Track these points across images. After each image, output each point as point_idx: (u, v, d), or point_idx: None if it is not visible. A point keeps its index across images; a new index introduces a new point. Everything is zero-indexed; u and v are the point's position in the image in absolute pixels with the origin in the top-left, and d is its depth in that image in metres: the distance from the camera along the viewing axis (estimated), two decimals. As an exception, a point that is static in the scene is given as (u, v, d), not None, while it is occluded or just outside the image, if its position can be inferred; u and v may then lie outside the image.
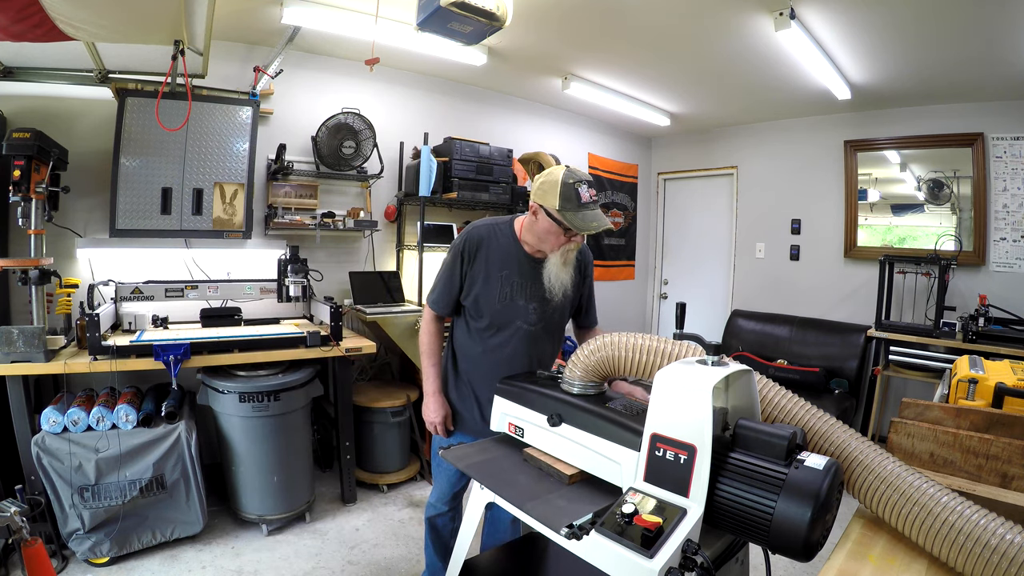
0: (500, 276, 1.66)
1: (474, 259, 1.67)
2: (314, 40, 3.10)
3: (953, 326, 3.52)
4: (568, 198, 1.49)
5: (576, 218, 1.49)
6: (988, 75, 3.24)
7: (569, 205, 1.49)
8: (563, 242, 1.57)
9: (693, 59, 3.38)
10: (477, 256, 1.67)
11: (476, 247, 1.66)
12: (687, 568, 0.82)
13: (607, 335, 1.21)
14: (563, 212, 1.49)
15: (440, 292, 1.72)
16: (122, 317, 2.62)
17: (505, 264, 1.67)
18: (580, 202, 1.49)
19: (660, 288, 5.78)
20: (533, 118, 4.54)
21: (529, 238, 1.65)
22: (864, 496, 0.97)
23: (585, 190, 1.50)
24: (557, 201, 1.49)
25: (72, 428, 2.17)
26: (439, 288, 1.73)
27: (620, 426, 1.08)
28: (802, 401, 1.07)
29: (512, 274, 1.67)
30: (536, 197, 1.56)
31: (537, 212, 1.56)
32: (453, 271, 1.69)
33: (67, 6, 1.79)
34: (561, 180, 1.50)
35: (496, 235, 1.68)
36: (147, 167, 2.62)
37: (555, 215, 1.51)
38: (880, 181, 4.23)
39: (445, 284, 1.71)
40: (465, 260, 1.67)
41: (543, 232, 1.57)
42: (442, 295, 1.72)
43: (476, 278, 1.67)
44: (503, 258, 1.67)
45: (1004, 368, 1.49)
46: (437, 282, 1.73)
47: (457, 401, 1.79)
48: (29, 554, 1.76)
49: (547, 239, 1.58)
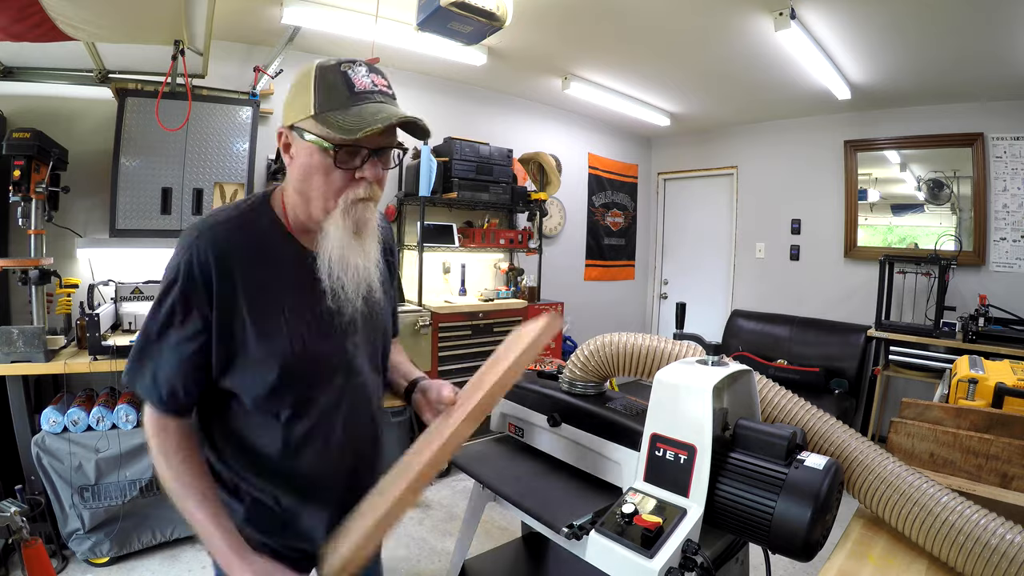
0: (282, 310, 0.89)
1: (214, 296, 0.84)
2: (314, 40, 3.10)
3: (953, 326, 3.52)
4: (332, 89, 0.83)
5: (349, 118, 0.81)
6: (988, 75, 3.24)
7: (334, 102, 0.83)
8: (342, 186, 0.86)
9: (693, 59, 3.38)
10: (220, 289, 0.85)
11: (212, 272, 0.84)
12: (687, 568, 0.82)
13: (607, 335, 1.20)
14: (325, 116, 0.82)
15: (161, 369, 0.86)
16: (122, 317, 2.62)
17: (281, 282, 0.90)
18: (353, 90, 0.83)
19: (660, 288, 5.78)
20: (533, 118, 4.54)
21: (297, 206, 0.91)
22: (864, 496, 0.97)
23: (363, 73, 0.86)
24: (312, 99, 0.83)
25: (72, 428, 2.17)
26: (155, 361, 0.86)
27: (620, 426, 1.08)
28: (802, 401, 1.07)
29: (302, 295, 0.91)
30: (285, 116, 0.88)
31: (291, 142, 0.88)
32: (181, 327, 0.85)
33: (67, 6, 1.79)
34: (315, 69, 0.85)
35: (244, 231, 0.89)
36: (147, 167, 2.62)
37: (314, 130, 0.83)
38: (880, 181, 4.23)
39: (169, 355, 0.85)
40: (195, 302, 0.84)
41: (303, 176, 0.87)
42: (168, 375, 0.86)
43: (234, 332, 0.86)
44: (275, 273, 0.90)
45: (1004, 368, 1.49)
46: (145, 351, 0.87)
47: (272, 540, 0.95)
48: (29, 554, 1.76)
49: (315, 189, 0.86)
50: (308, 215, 0.90)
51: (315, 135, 0.84)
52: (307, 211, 0.90)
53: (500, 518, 2.79)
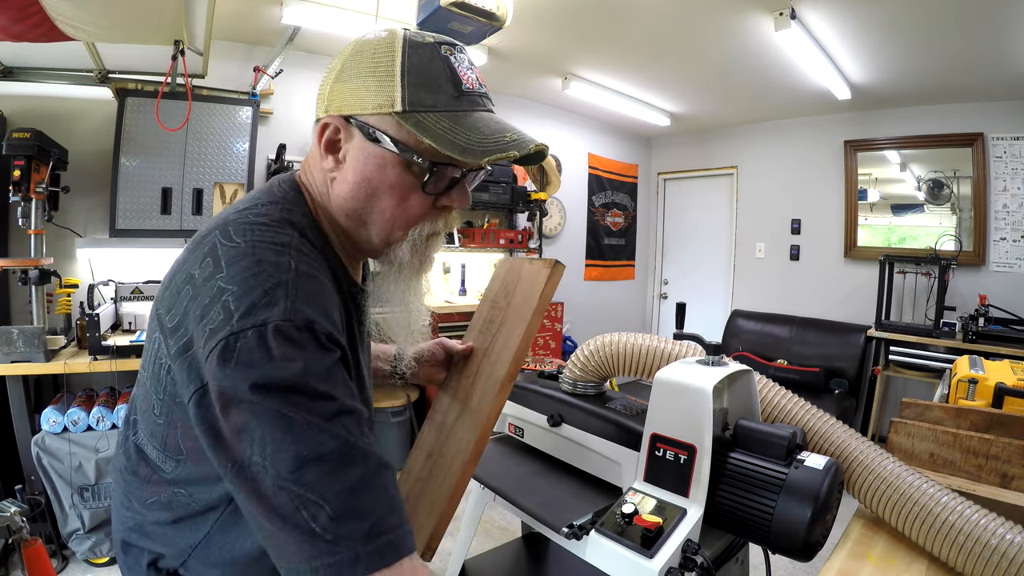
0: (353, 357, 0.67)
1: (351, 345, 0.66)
2: (314, 40, 3.10)
3: (953, 326, 3.52)
4: (428, 78, 0.60)
5: (455, 129, 0.60)
6: (988, 75, 3.24)
7: (436, 100, 0.60)
8: (420, 215, 0.66)
9: (693, 59, 3.38)
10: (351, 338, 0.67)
11: (338, 314, 0.60)
12: (687, 568, 0.82)
13: (607, 335, 1.21)
14: (421, 120, 0.59)
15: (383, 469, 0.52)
16: (122, 317, 2.62)
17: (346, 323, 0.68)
18: (461, 89, 0.62)
19: (660, 288, 5.78)
20: (533, 118, 4.54)
21: (343, 226, 0.68)
22: (864, 496, 0.97)
23: (467, 64, 0.64)
24: (399, 89, 0.59)
25: (72, 428, 2.17)
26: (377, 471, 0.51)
27: (620, 426, 1.08)
28: (802, 401, 1.07)
29: (355, 338, 0.70)
30: (336, 98, 0.62)
31: (344, 142, 0.63)
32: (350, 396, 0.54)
33: (67, 6, 1.79)
34: (400, 43, 0.61)
35: (318, 257, 0.62)
36: (147, 167, 2.62)
37: (396, 133, 0.60)
38: (880, 181, 4.23)
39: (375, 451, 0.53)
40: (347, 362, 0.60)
41: (365, 194, 0.63)
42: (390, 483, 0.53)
43: None
44: (341, 315, 0.64)
45: (1004, 368, 1.49)
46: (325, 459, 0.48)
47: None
48: (29, 554, 1.76)
49: (379, 213, 0.64)
50: (356, 241, 0.68)
51: (401, 141, 0.60)
52: (361, 236, 0.67)
53: (500, 518, 2.79)
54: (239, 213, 0.61)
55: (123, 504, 0.71)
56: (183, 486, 0.64)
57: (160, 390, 0.61)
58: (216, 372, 0.50)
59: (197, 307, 0.53)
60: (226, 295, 0.51)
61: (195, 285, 0.54)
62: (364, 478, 0.49)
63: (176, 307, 0.56)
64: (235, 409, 0.49)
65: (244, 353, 0.49)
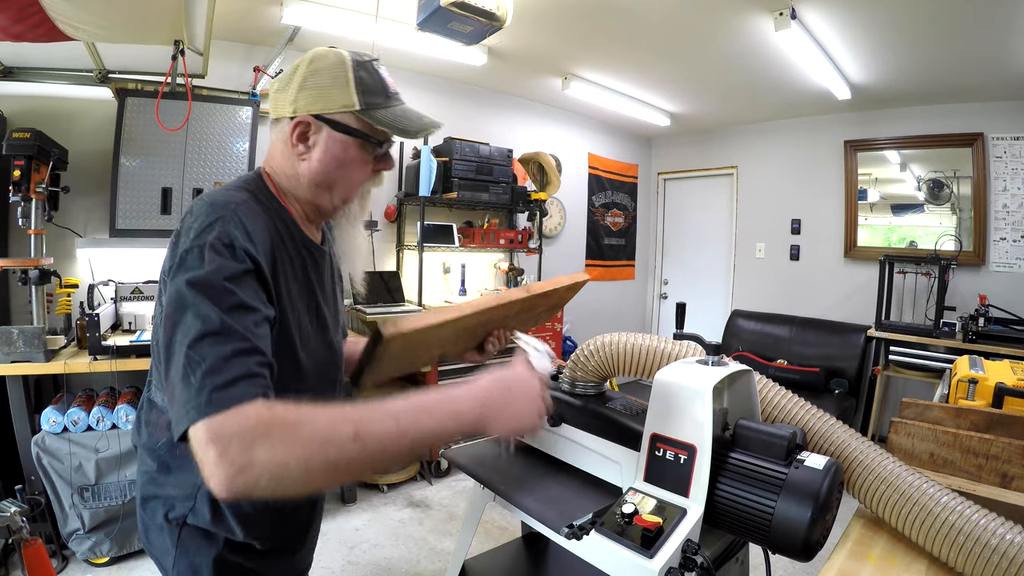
0: (293, 302, 0.86)
1: (266, 277, 0.77)
2: (314, 40, 3.10)
3: (953, 326, 3.52)
4: (372, 86, 0.86)
5: (395, 118, 0.87)
6: (988, 75, 3.24)
7: (377, 99, 0.86)
8: (365, 178, 0.92)
9: (693, 59, 3.38)
10: (274, 267, 0.81)
11: (256, 250, 0.76)
12: (687, 568, 0.82)
13: (607, 335, 1.21)
14: (372, 114, 0.85)
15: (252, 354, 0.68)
16: (122, 317, 2.62)
17: (293, 269, 0.88)
18: (390, 92, 0.89)
19: (660, 288, 5.78)
20: (533, 118, 4.54)
21: (303, 192, 0.90)
22: (864, 496, 0.97)
23: (388, 73, 0.90)
24: (355, 96, 0.84)
25: (72, 428, 2.17)
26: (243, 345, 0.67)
27: (620, 426, 1.08)
28: (802, 401, 1.07)
29: (307, 287, 0.91)
30: (303, 102, 0.84)
31: (313, 134, 0.86)
32: (257, 306, 0.72)
33: (67, 6, 1.79)
34: (350, 62, 0.85)
35: (262, 216, 0.82)
36: (147, 167, 2.62)
37: (357, 124, 0.85)
38: (880, 181, 4.23)
39: (256, 333, 0.70)
40: (260, 280, 0.76)
41: (334, 168, 0.87)
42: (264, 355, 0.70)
43: (284, 318, 0.83)
44: (288, 260, 0.86)
45: (1004, 368, 1.49)
46: (224, 338, 0.66)
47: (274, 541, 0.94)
48: (29, 554, 1.76)
49: (344, 180, 0.89)
50: (320, 206, 0.92)
51: (358, 130, 0.86)
52: (325, 201, 0.91)
53: (500, 518, 2.79)
54: (215, 189, 0.85)
55: (140, 462, 0.90)
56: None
57: (159, 331, 0.76)
58: (174, 270, 0.71)
59: (176, 240, 0.75)
60: (190, 228, 0.74)
61: (179, 231, 0.76)
62: (232, 352, 0.65)
63: (168, 253, 0.76)
64: (173, 294, 0.69)
65: (188, 261, 0.71)
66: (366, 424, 0.64)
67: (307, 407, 0.63)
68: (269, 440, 0.59)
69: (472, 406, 0.73)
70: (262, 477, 0.58)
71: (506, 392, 0.76)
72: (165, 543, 0.87)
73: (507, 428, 0.75)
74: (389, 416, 0.67)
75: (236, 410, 0.61)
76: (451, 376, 3.37)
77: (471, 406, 0.73)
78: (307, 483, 0.61)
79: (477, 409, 0.73)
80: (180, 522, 0.85)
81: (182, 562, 0.86)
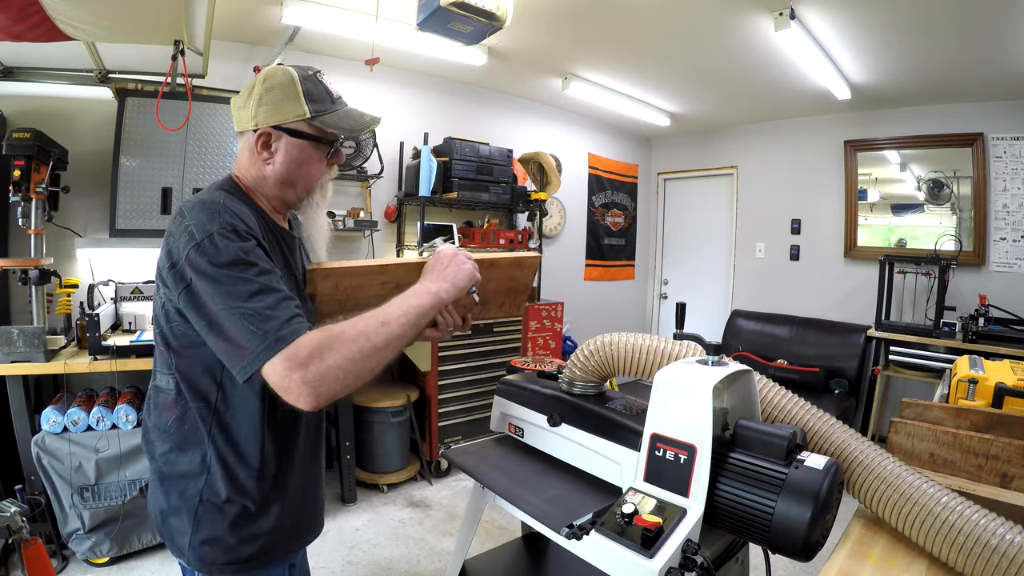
0: (285, 277, 0.98)
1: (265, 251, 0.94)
2: (314, 40, 3.10)
3: (953, 326, 3.52)
4: (318, 95, 1.01)
5: (341, 120, 1.03)
6: (988, 75, 3.24)
7: (323, 106, 1.01)
8: (325, 171, 1.08)
9: (693, 59, 3.38)
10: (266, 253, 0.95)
11: (256, 229, 0.94)
12: (687, 568, 0.82)
13: (607, 335, 1.21)
14: (322, 119, 1.00)
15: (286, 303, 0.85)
16: (122, 317, 2.62)
17: (277, 252, 1.02)
18: (334, 98, 1.04)
19: (660, 288, 5.78)
20: (533, 118, 4.54)
21: (270, 189, 1.04)
22: (864, 496, 0.97)
23: (329, 82, 1.06)
24: (305, 106, 0.99)
25: (72, 428, 2.17)
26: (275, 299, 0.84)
27: (620, 426, 1.08)
28: (802, 401, 1.07)
29: (284, 273, 1.01)
30: (262, 116, 0.99)
31: (274, 142, 1.00)
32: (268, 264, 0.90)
33: (67, 6, 1.79)
34: (295, 76, 1.00)
35: (241, 205, 0.97)
36: (147, 167, 2.62)
37: (310, 129, 1.00)
38: (880, 181, 4.23)
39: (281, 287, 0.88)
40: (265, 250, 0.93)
41: (295, 167, 1.02)
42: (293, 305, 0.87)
43: None
44: (270, 241, 1.01)
45: (1004, 368, 1.49)
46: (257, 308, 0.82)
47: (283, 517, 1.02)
48: (29, 554, 1.76)
49: (304, 177, 1.04)
50: (285, 199, 1.07)
51: (311, 134, 1.01)
52: (290, 195, 1.06)
53: (500, 518, 2.79)
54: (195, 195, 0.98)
55: (155, 447, 0.99)
56: (182, 393, 0.95)
57: (162, 322, 0.95)
58: (194, 261, 0.84)
59: (177, 239, 0.88)
60: (190, 227, 0.88)
61: (173, 233, 0.90)
62: (276, 301, 0.83)
63: (164, 248, 0.90)
64: (204, 278, 0.84)
65: (204, 248, 0.85)
66: (384, 314, 0.88)
67: (339, 323, 0.85)
68: (332, 349, 0.80)
69: (428, 282, 0.99)
70: (338, 377, 0.80)
71: (440, 266, 1.02)
72: (182, 523, 0.95)
73: (454, 281, 0.99)
74: (393, 305, 0.91)
75: (300, 340, 0.80)
76: (451, 372, 3.37)
77: (428, 282, 0.99)
78: (368, 367, 0.84)
79: (433, 283, 0.98)
80: (196, 499, 0.95)
81: (198, 537, 0.95)
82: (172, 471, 0.97)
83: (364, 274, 1.08)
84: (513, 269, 1.24)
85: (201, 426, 0.94)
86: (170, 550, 1.01)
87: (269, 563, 1.01)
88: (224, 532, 0.95)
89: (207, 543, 0.95)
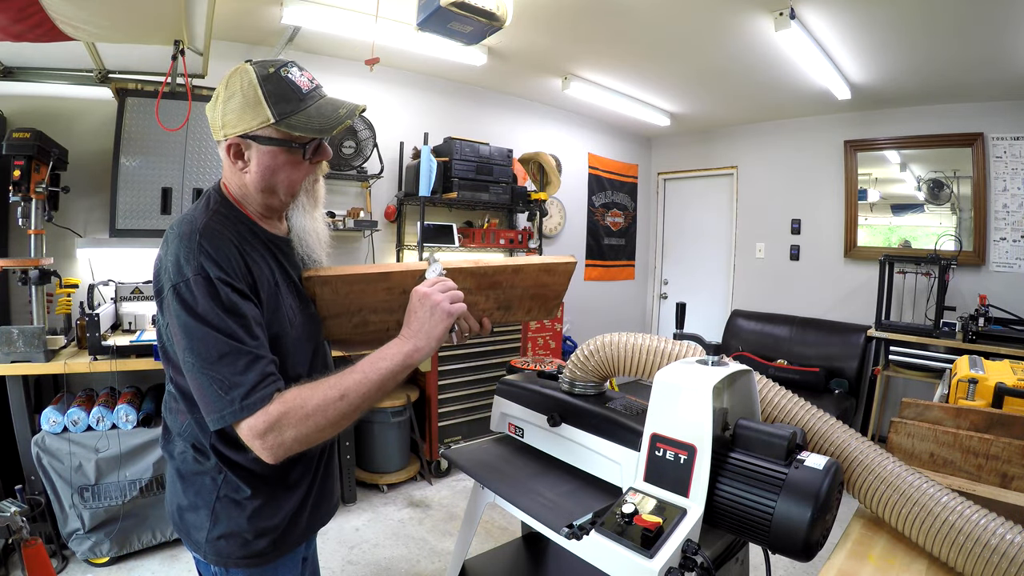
0: (277, 291, 0.98)
1: (248, 273, 0.92)
2: (314, 40, 3.10)
3: (953, 326, 3.52)
4: (282, 95, 0.92)
5: (314, 118, 0.93)
6: (988, 75, 3.24)
7: (290, 106, 0.92)
8: (307, 171, 1.00)
9: (693, 59, 3.38)
10: (248, 268, 0.93)
11: (233, 259, 0.90)
12: (687, 568, 0.82)
13: (607, 335, 1.21)
14: (288, 122, 0.92)
15: (259, 360, 0.87)
16: (122, 317, 2.62)
17: (267, 264, 0.98)
18: (303, 93, 0.94)
19: (660, 288, 5.78)
20: (533, 118, 4.54)
21: (253, 197, 0.99)
22: (864, 496, 0.97)
23: (299, 75, 0.95)
24: (268, 111, 0.91)
25: (72, 428, 2.17)
26: (247, 356, 0.85)
27: (620, 426, 1.08)
28: (802, 401, 1.07)
29: (284, 275, 1.01)
30: (229, 126, 0.93)
31: (245, 151, 0.95)
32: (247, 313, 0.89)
33: (67, 6, 1.79)
34: (254, 77, 0.91)
35: (227, 226, 0.94)
36: (147, 167, 2.62)
37: (276, 134, 0.93)
38: (880, 181, 4.23)
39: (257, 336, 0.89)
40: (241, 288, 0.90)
41: (270, 175, 0.96)
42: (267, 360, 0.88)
43: (275, 303, 0.97)
44: (261, 257, 0.97)
45: (1004, 368, 1.49)
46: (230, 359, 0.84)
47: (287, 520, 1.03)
48: (29, 554, 1.76)
49: (283, 183, 0.97)
50: (271, 205, 1.01)
51: (280, 139, 0.94)
52: (274, 201, 1.01)
53: (500, 518, 2.79)
54: (183, 214, 0.98)
55: (176, 448, 1.00)
56: (188, 400, 0.94)
57: (163, 336, 0.96)
58: (170, 305, 0.86)
59: (161, 268, 0.89)
60: (168, 265, 0.88)
61: (161, 258, 0.91)
62: (245, 365, 0.85)
63: (155, 266, 0.92)
64: (179, 327, 0.86)
65: (181, 293, 0.85)
66: (343, 384, 0.87)
67: (305, 387, 0.87)
68: (288, 426, 0.84)
69: (403, 341, 0.94)
70: (294, 445, 0.85)
71: (413, 315, 0.95)
72: (199, 518, 0.98)
73: (428, 334, 0.94)
74: (356, 371, 0.89)
75: (262, 412, 0.83)
76: (451, 372, 3.37)
77: (403, 341, 0.94)
78: (323, 436, 0.87)
79: (407, 340, 0.93)
80: (214, 496, 0.97)
81: (215, 532, 0.97)
82: (189, 469, 0.99)
83: (364, 281, 1.05)
84: (542, 275, 1.21)
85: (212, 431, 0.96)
86: (186, 545, 1.02)
87: (282, 555, 1.04)
88: (240, 527, 0.97)
89: (224, 538, 0.97)
